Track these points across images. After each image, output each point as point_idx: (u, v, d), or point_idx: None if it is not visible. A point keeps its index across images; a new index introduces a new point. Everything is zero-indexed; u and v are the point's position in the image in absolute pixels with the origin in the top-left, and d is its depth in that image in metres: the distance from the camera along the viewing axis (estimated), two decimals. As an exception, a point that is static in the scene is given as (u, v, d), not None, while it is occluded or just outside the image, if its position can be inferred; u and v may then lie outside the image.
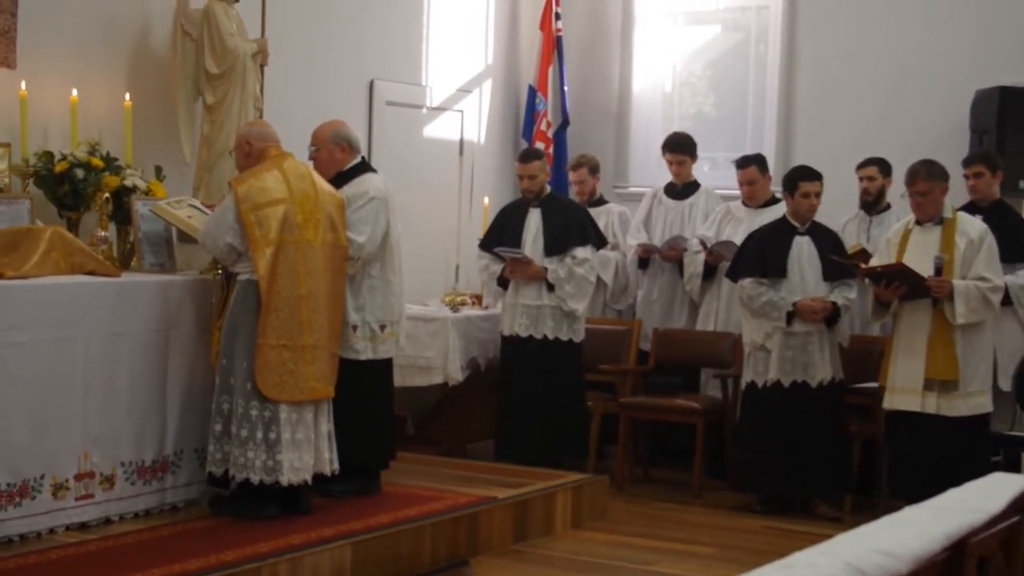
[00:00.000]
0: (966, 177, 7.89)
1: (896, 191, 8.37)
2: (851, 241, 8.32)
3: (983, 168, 7.86)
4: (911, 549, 2.50)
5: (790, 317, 7.72)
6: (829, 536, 2.59)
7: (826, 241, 7.87)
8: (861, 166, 8.53)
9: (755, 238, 8.04)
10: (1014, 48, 8.72)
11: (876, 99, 9.21)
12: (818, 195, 7.87)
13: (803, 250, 7.85)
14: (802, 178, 7.88)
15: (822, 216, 8.64)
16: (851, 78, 9.33)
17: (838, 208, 8.63)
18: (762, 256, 7.88)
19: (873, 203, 8.51)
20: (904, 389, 7.19)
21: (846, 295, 7.81)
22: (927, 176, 7.22)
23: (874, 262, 7.40)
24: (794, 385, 7.72)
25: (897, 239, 7.37)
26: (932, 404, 7.11)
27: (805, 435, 7.69)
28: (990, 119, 8.36)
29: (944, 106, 8.86)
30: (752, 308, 7.83)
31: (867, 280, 7.40)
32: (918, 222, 7.32)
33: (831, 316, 7.74)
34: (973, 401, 7.14)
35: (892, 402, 7.27)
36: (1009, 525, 3.08)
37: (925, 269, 7.10)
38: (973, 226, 7.25)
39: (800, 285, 7.79)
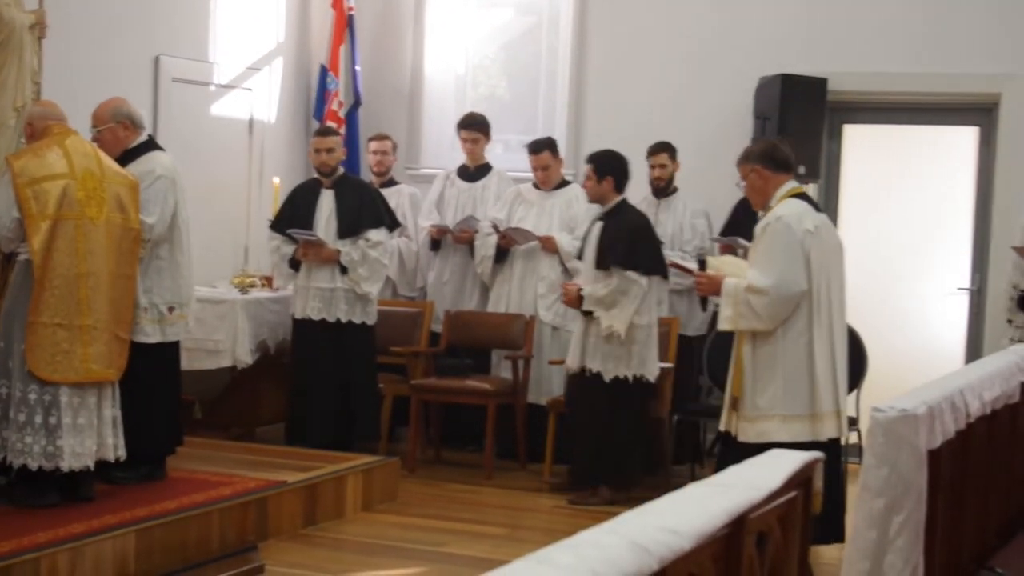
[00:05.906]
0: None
1: (682, 175, 8.56)
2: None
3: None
4: (694, 525, 2.54)
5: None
6: (617, 514, 2.62)
7: (622, 225, 7.61)
8: (652, 153, 8.64)
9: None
10: (795, 37, 8.98)
11: (664, 85, 9.37)
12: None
13: (593, 233, 7.75)
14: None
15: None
16: (640, 64, 9.47)
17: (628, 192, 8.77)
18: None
19: (664, 188, 8.66)
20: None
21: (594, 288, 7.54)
22: None
23: None
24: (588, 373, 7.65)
25: None
26: None
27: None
28: (773, 105, 8.59)
29: (730, 92, 9.07)
30: None
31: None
32: None
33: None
34: None
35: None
36: (787, 500, 3.16)
37: None
38: None
39: (585, 269, 7.80)
